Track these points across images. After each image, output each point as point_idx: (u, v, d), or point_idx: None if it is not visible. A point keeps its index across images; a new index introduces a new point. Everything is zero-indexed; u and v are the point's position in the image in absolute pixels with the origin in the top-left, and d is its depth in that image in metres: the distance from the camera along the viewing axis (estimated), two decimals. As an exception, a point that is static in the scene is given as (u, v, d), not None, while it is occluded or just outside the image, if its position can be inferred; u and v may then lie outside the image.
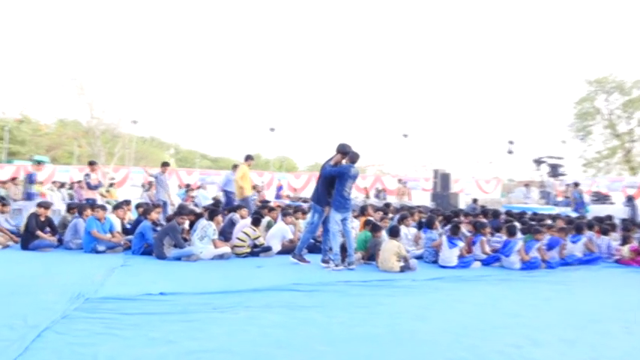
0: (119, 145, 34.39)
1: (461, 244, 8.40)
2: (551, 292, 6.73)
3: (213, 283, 6.43)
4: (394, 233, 8.23)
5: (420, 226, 9.95)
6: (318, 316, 4.92)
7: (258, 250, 9.21)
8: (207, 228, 8.92)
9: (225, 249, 8.90)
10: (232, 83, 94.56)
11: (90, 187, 13.06)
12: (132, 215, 11.83)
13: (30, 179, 13.86)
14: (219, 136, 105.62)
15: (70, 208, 11.05)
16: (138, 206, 11.25)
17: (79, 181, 18.59)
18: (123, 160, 45.35)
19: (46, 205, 9.78)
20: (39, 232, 9.25)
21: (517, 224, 10.07)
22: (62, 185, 19.58)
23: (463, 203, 23.69)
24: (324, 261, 8.18)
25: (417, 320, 4.92)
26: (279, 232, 9.61)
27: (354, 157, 8.19)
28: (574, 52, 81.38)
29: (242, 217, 10.22)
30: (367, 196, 22.38)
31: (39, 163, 16.36)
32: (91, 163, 13.49)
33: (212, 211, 9.40)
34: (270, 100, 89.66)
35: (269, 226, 10.07)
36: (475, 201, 20.02)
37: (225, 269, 7.74)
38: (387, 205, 12.97)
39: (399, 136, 39.99)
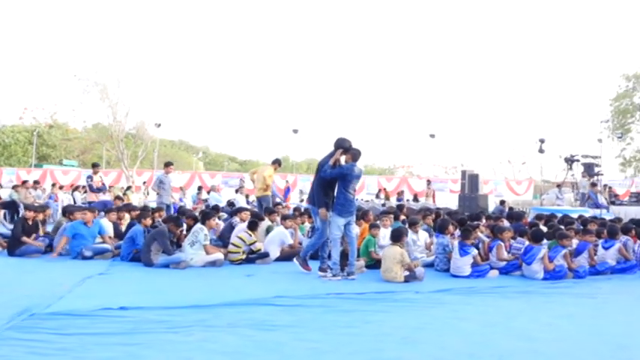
0: (142, 149, 34.31)
1: (474, 251, 7.48)
2: (576, 307, 5.80)
3: (188, 296, 5.75)
4: (396, 237, 7.36)
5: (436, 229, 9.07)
6: (286, 338, 4.16)
7: (254, 257, 8.50)
8: (199, 233, 8.26)
9: (217, 255, 8.21)
10: (260, 85, 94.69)
11: (92, 189, 12.66)
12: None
13: None
14: (247, 139, 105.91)
15: (65, 212, 10.58)
16: (153, 210, 10.69)
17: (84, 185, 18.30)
18: (151, 164, 45.59)
19: (35, 209, 9.31)
20: (24, 238, 8.76)
21: (544, 228, 9.10)
22: (76, 188, 19.34)
23: (493, 205, 22.57)
24: (321, 269, 7.41)
25: (404, 345, 4.10)
26: (278, 237, 8.87)
27: (356, 155, 7.38)
28: (609, 46, 78.33)
29: (242, 221, 9.54)
30: (387, 198, 21.46)
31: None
32: (94, 166, 13.10)
33: (204, 214, 8.73)
34: (295, 102, 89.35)
35: (268, 230, 9.35)
36: (502, 203, 18.90)
37: (211, 278, 7.06)
38: (400, 207, 12.09)
39: (425, 136, 38.74)
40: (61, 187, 20.92)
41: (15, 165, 40.79)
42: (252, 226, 8.71)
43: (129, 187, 22.34)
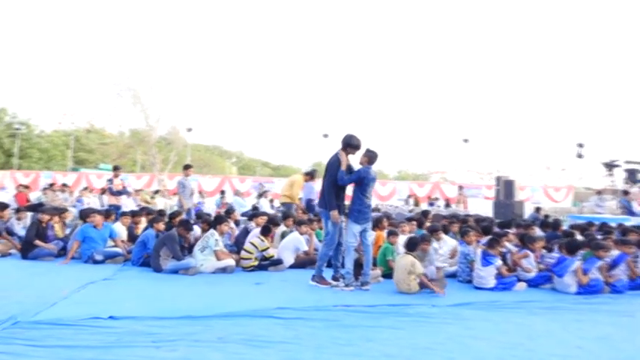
0: (173, 153, 34.58)
1: (497, 261, 6.91)
2: (611, 327, 5.19)
3: (186, 305, 5.41)
4: (411, 246, 6.88)
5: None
6: (275, 358, 3.75)
7: (266, 263, 8.13)
8: (209, 238, 7.96)
9: (228, 262, 7.88)
10: (292, 91, 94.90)
11: (112, 192, 12.57)
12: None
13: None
14: (280, 144, 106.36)
15: (82, 216, 10.46)
16: (172, 214, 10.47)
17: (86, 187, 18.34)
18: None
19: (49, 212, 9.20)
20: (37, 241, 8.64)
21: (580, 238, 8.43)
22: (104, 191, 19.41)
23: (529, 213, 21.65)
24: (334, 278, 6.98)
25: (407, 369, 3.65)
26: (292, 243, 8.48)
27: (372, 157, 6.94)
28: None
29: (258, 226, 9.19)
30: (417, 204, 20.79)
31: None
32: (115, 169, 13.02)
33: (216, 219, 8.42)
34: (326, 107, 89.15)
35: (284, 236, 8.98)
36: (538, 210, 18.01)
37: (218, 286, 6.72)
38: (425, 213, 11.52)
39: (459, 141, 37.76)
40: (90, 190, 21.09)
41: (54, 169, 41.80)
42: (266, 232, 8.36)
43: (157, 191, 22.39)
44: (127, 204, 16.37)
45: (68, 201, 16.48)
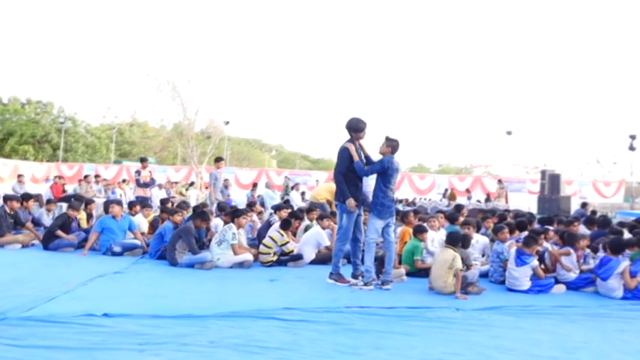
0: (211, 146, 34.76)
1: (533, 261, 6.29)
2: (661, 339, 4.55)
3: (189, 303, 5.11)
4: (453, 240, 6.33)
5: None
6: (265, 367, 3.36)
7: (286, 259, 7.76)
8: (227, 231, 7.64)
9: (246, 256, 7.55)
10: (331, 84, 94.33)
11: (139, 184, 12.48)
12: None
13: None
14: (320, 138, 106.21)
15: (106, 207, 10.37)
16: (195, 209, 10.28)
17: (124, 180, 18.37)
18: (225, 162, 46.24)
19: (77, 207, 9.13)
20: (58, 232, 8.55)
21: (628, 236, 7.69)
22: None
23: (575, 209, 20.55)
24: (353, 276, 6.54)
25: (413, 386, 3.18)
26: (314, 238, 8.06)
27: (395, 146, 6.43)
28: None
29: (281, 219, 8.82)
30: (453, 198, 20.06)
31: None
32: (142, 160, 12.94)
33: (234, 212, 8.09)
34: (365, 100, 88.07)
35: (307, 230, 8.58)
36: (584, 205, 16.93)
37: (230, 282, 6.39)
38: (458, 207, 10.87)
39: (502, 133, 36.42)
40: (128, 183, 21.29)
41: (97, 162, 42.89)
42: (285, 226, 7.98)
43: (191, 184, 22.44)
44: (159, 195, 16.41)
45: (102, 192, 16.61)
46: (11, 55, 77.60)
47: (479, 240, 7.81)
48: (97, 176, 19.23)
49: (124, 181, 21.57)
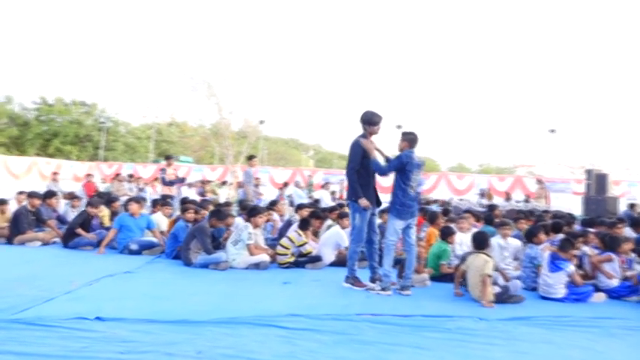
0: (245, 145, 34.83)
1: (569, 267, 5.71)
2: None
3: (189, 306, 4.83)
4: (479, 243, 5.84)
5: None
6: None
7: (304, 260, 7.41)
8: (242, 231, 7.34)
9: (262, 257, 7.23)
10: (368, 83, 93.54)
11: (165, 182, 12.39)
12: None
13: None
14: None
15: (126, 205, 10.29)
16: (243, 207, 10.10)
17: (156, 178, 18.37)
18: (261, 161, 46.21)
19: (97, 204, 9.05)
20: (78, 230, 8.47)
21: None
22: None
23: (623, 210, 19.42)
24: (372, 280, 6.12)
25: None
26: (333, 239, 7.66)
27: (413, 140, 5.98)
28: None
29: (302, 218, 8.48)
30: (489, 198, 19.24)
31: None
32: (167, 158, 12.87)
33: (251, 210, 7.78)
34: (400, 98, 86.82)
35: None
36: (632, 207, 15.94)
37: (241, 284, 6.08)
38: (492, 207, 10.24)
39: (545, 132, 35.04)
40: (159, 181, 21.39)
41: (136, 161, 43.71)
42: (304, 226, 7.64)
43: (224, 183, 22.41)
44: (189, 194, 16.37)
45: (133, 191, 16.71)
46: (58, 58, 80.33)
47: (511, 243, 7.26)
48: (130, 175, 19.38)
49: (156, 179, 21.70)
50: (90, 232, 8.65)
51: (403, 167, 5.83)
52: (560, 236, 6.59)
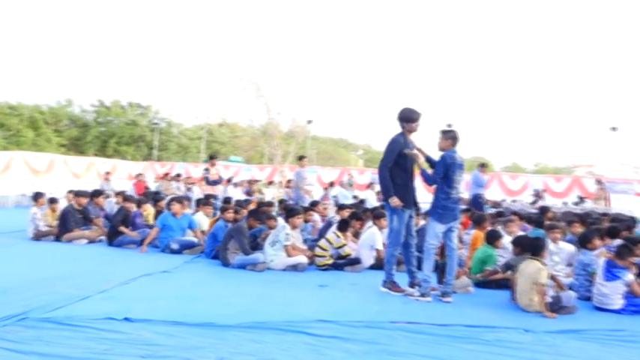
0: (293, 145, 34.95)
1: (628, 275, 5.24)
2: None
3: (219, 309, 4.74)
4: (534, 249, 5.44)
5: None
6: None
7: (342, 262, 7.21)
8: (280, 231, 7.22)
9: (300, 259, 7.08)
10: (417, 83, 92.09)
11: (208, 182, 12.49)
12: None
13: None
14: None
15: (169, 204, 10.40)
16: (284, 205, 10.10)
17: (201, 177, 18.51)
18: (310, 160, 46.31)
19: (132, 200, 9.19)
20: (122, 228, 8.61)
21: None
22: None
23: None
24: (411, 285, 5.86)
25: None
26: (368, 240, 7.43)
27: (456, 139, 5.68)
28: None
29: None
30: (540, 198, 18.37)
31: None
32: (211, 158, 12.98)
33: (288, 211, 7.65)
34: (451, 97, 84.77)
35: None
36: (703, 210, 14.78)
37: (274, 286, 5.95)
38: (544, 209, 9.65)
39: (606, 130, 33.29)
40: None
41: (188, 161, 44.75)
42: (343, 227, 7.43)
43: (270, 182, 22.48)
44: (234, 194, 16.49)
45: (181, 190, 16.97)
46: (116, 62, 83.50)
47: (564, 248, 6.80)
48: (177, 175, 19.73)
49: (202, 179, 22.00)
50: (134, 229, 8.81)
51: (446, 168, 5.53)
52: (618, 241, 6.09)
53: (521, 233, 7.05)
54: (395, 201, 5.55)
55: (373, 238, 7.32)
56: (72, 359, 3.28)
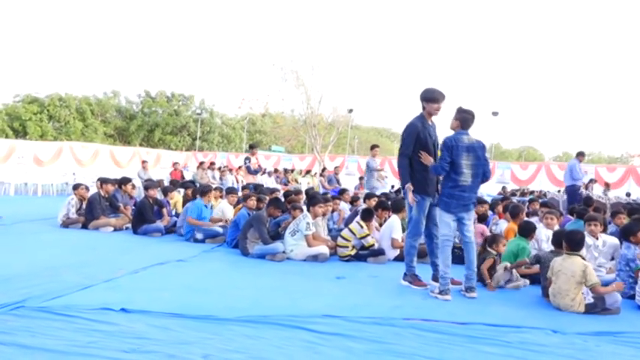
0: (333, 134, 34.68)
1: (676, 273, 4.68)
2: None
3: (224, 301, 4.51)
4: (574, 243, 4.87)
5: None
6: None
7: (365, 254, 6.88)
8: (301, 221, 6.96)
9: (320, 249, 6.82)
10: (460, 70, 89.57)
11: (250, 171, 12.43)
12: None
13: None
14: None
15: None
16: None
17: (240, 166, 18.41)
18: (352, 149, 45.91)
19: (154, 187, 9.12)
20: (147, 217, 8.55)
21: None
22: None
23: None
24: (434, 278, 5.47)
25: None
26: (388, 229, 7.06)
27: (467, 120, 5.20)
28: None
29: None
30: (608, 189, 17.43)
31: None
32: (252, 147, 12.87)
33: (310, 199, 7.36)
34: (494, 84, 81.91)
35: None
36: None
37: (289, 277, 5.71)
38: (588, 200, 8.96)
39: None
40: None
41: (230, 151, 45.21)
42: (366, 216, 7.09)
43: (308, 172, 22.30)
44: (268, 182, 16.37)
45: (216, 179, 17.00)
46: (161, 54, 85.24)
47: (606, 241, 6.22)
48: (212, 163, 19.81)
49: (239, 168, 22.02)
50: (159, 217, 8.77)
51: (451, 154, 5.07)
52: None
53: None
54: (410, 188, 5.16)
55: (391, 226, 6.95)
56: (52, 352, 3.10)
